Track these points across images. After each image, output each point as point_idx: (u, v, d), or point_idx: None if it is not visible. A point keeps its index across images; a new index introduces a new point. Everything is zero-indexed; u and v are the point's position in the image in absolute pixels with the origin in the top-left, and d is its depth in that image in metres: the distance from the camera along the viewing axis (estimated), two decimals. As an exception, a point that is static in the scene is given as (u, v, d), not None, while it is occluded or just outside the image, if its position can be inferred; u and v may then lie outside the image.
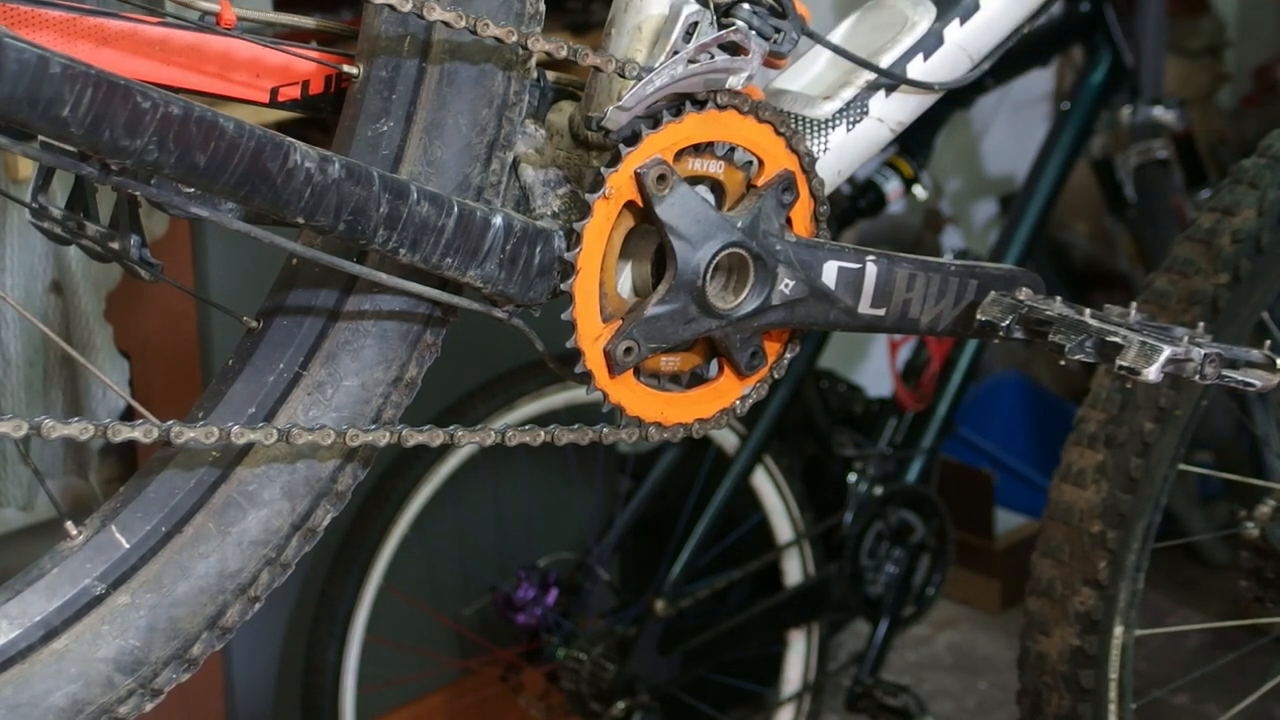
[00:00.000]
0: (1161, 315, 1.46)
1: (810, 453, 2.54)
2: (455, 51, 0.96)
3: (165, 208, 0.90)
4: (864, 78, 1.12)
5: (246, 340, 0.98)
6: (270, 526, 0.96)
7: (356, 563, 2.10)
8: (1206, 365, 1.02)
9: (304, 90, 0.99)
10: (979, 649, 2.85)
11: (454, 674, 2.38)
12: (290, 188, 0.87)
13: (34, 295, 1.98)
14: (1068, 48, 2.66)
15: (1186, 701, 2.58)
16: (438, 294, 0.97)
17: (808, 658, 2.42)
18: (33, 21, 0.90)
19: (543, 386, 2.16)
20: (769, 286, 1.05)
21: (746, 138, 1.04)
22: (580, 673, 2.17)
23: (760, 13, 1.03)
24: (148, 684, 0.93)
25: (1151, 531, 1.51)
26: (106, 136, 0.80)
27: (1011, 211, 2.43)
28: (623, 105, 0.97)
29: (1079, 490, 1.49)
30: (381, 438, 0.97)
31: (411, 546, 2.16)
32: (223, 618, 0.96)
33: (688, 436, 1.08)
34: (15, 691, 0.89)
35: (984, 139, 3.28)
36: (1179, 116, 2.61)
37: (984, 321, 1.10)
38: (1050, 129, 2.48)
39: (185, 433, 0.89)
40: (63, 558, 0.92)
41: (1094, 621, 1.49)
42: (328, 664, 2.11)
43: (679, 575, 2.21)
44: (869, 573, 2.41)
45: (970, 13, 1.14)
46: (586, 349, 1.01)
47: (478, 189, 0.98)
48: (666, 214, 1.00)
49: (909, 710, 2.35)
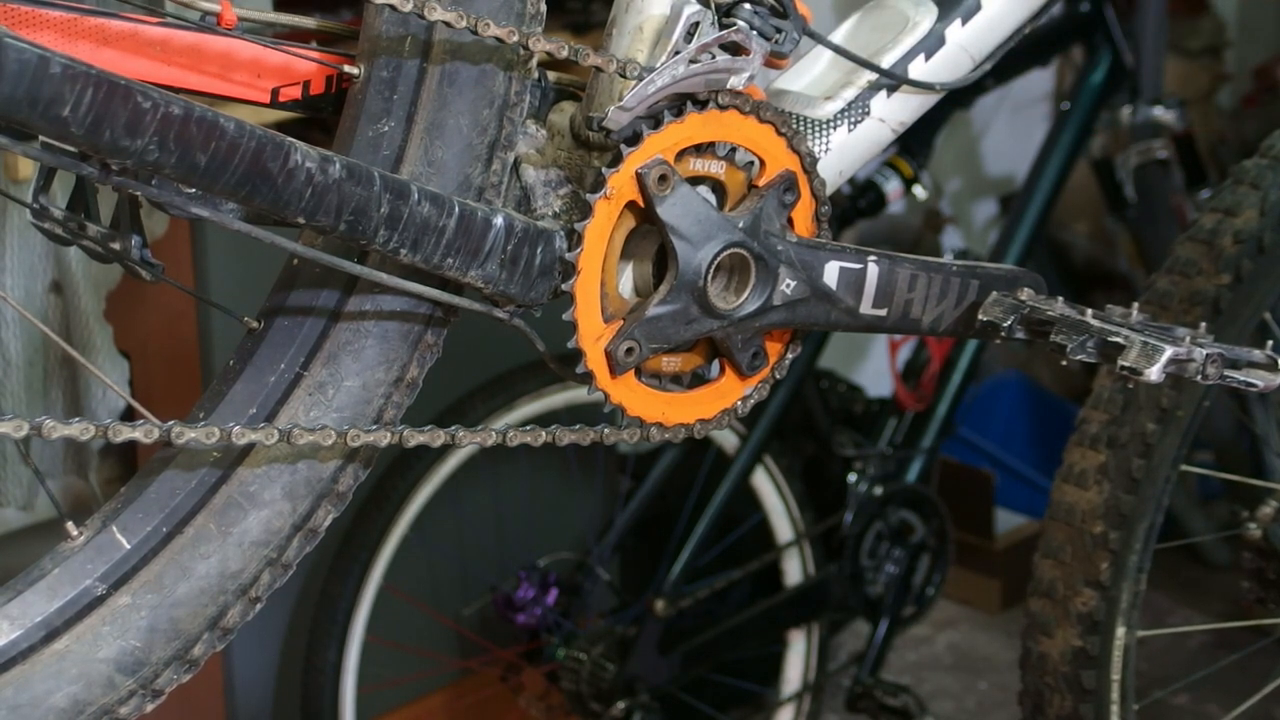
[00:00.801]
0: (1163, 316, 1.46)
1: (810, 453, 2.54)
2: (456, 52, 0.96)
3: (166, 208, 0.89)
4: (865, 78, 1.12)
5: (247, 340, 0.98)
6: (271, 527, 0.96)
7: (356, 563, 2.10)
8: (1208, 366, 1.01)
9: (305, 90, 0.99)
10: (979, 649, 2.85)
11: (454, 674, 2.38)
12: (291, 188, 0.87)
13: (34, 295, 1.98)
14: (1068, 48, 2.66)
15: (1188, 702, 2.58)
16: (439, 294, 0.97)
17: (808, 658, 2.41)
18: (33, 22, 0.90)
19: (543, 387, 2.16)
20: (770, 287, 1.04)
21: (748, 138, 1.03)
22: (580, 673, 2.17)
23: (761, 13, 1.03)
24: (148, 685, 0.93)
25: (1153, 532, 1.51)
26: (107, 136, 0.80)
27: (1011, 211, 2.43)
28: (624, 105, 0.97)
29: (1081, 491, 1.49)
30: (383, 438, 0.97)
31: (411, 546, 2.16)
32: (224, 618, 0.95)
33: (688, 437, 1.08)
34: (16, 692, 0.89)
35: (984, 139, 3.28)
36: (1179, 116, 2.60)
37: (986, 322, 1.09)
38: (1050, 129, 2.47)
39: (186, 433, 0.89)
40: (64, 558, 0.92)
41: (1096, 622, 1.49)
42: (328, 664, 2.11)
43: (679, 575, 2.21)
44: (869, 573, 2.41)
45: (972, 13, 1.14)
46: (588, 349, 1.01)
47: (479, 189, 0.98)
48: (668, 214, 1.00)
49: (909, 710, 2.35)
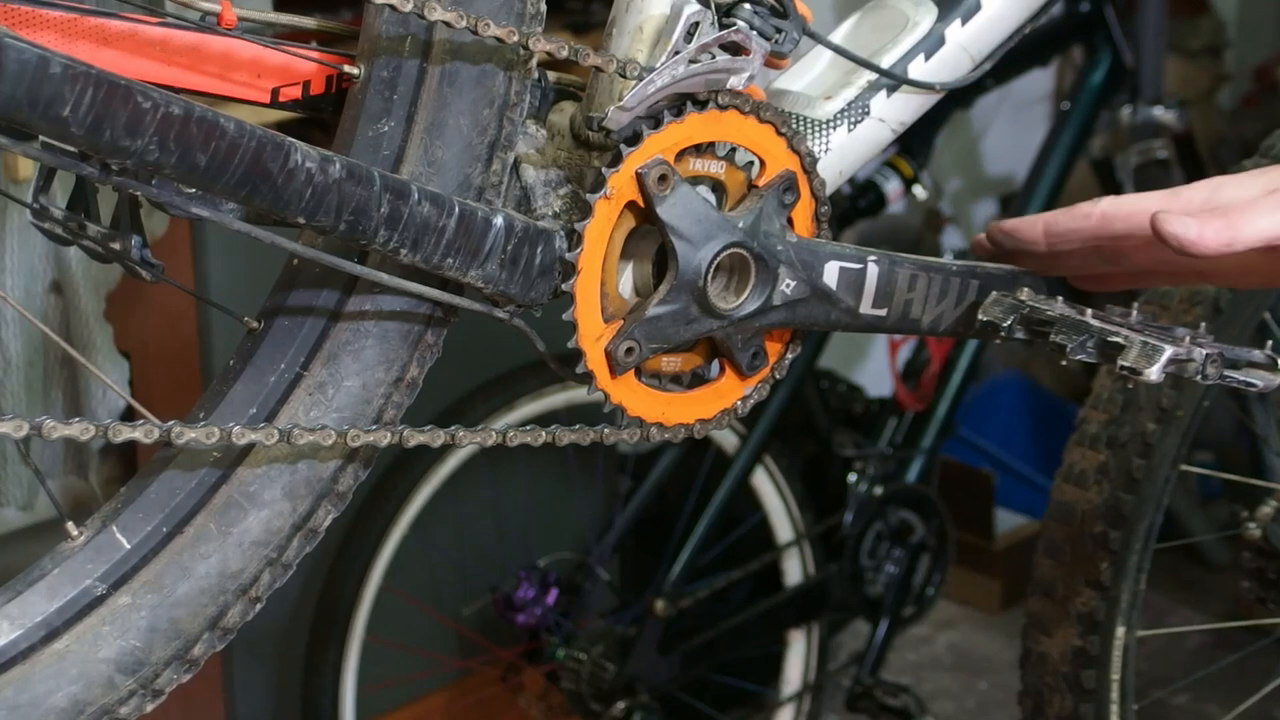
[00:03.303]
0: (1163, 316, 1.46)
1: (810, 453, 2.54)
2: (456, 52, 0.96)
3: (166, 208, 0.89)
4: (865, 78, 1.12)
5: (247, 340, 0.98)
6: (271, 527, 0.96)
7: (356, 563, 2.10)
8: (1208, 365, 1.01)
9: (305, 90, 0.99)
10: (979, 649, 2.85)
11: (454, 674, 2.38)
12: (291, 188, 0.87)
13: (34, 295, 1.98)
14: (1068, 48, 2.66)
15: (1187, 702, 2.58)
16: (439, 294, 0.97)
17: (808, 658, 2.42)
18: (33, 21, 0.90)
19: (543, 387, 2.16)
20: (770, 287, 1.04)
21: (748, 138, 1.03)
22: (580, 673, 2.17)
23: (761, 13, 1.03)
24: (149, 685, 0.93)
25: (1153, 532, 1.51)
26: (107, 137, 0.80)
27: (1011, 212, 2.43)
28: (624, 105, 0.97)
29: (1081, 491, 1.49)
30: (383, 438, 0.96)
31: (411, 546, 2.16)
32: (224, 618, 0.95)
33: (688, 437, 1.08)
34: (16, 692, 0.89)
35: (984, 139, 3.28)
36: (1179, 116, 2.60)
37: (986, 322, 1.09)
38: (1050, 129, 2.48)
39: (186, 433, 0.89)
40: (64, 558, 0.91)
41: (1096, 622, 1.49)
42: (328, 664, 2.11)
43: (679, 575, 2.21)
44: (869, 573, 2.41)
45: (972, 13, 1.14)
46: (588, 349, 1.00)
47: (479, 189, 0.97)
48: (668, 214, 1.00)
49: (909, 710, 2.35)
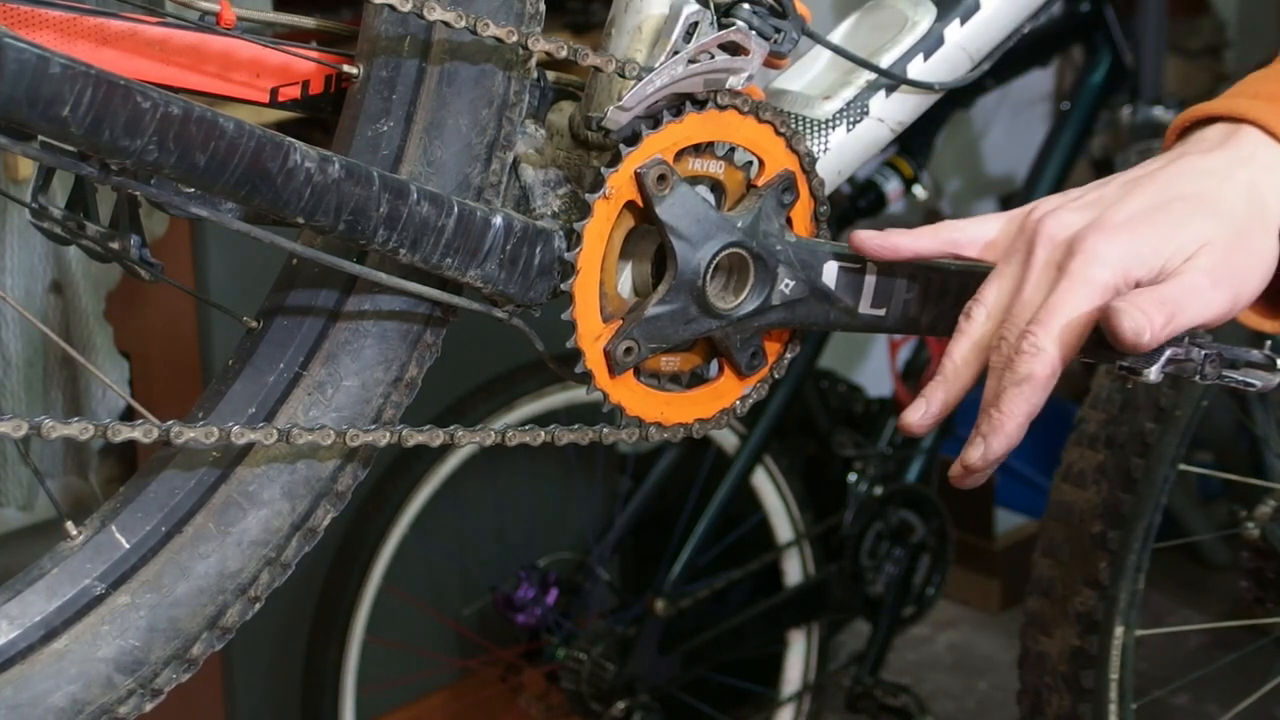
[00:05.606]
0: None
1: (810, 453, 2.54)
2: (455, 51, 0.96)
3: (165, 208, 0.89)
4: (864, 78, 1.12)
5: (246, 340, 0.98)
6: (270, 527, 0.96)
7: (356, 563, 2.10)
8: (1207, 365, 1.01)
9: (304, 90, 0.99)
10: (979, 649, 2.85)
11: (454, 674, 2.38)
12: (290, 188, 0.87)
13: (34, 295, 1.98)
14: (1068, 48, 2.66)
15: (1186, 702, 2.58)
16: (438, 294, 0.97)
17: (808, 658, 2.42)
18: (33, 21, 0.90)
19: (542, 386, 2.16)
20: (769, 286, 1.04)
21: (747, 138, 1.03)
22: (580, 673, 2.17)
23: (760, 13, 1.03)
24: (148, 684, 0.93)
25: (1152, 532, 1.51)
26: (106, 136, 0.80)
27: (1012, 212, 2.42)
28: (623, 105, 0.97)
29: (1079, 490, 1.49)
30: (382, 438, 0.97)
31: (411, 546, 2.16)
32: (223, 618, 0.95)
33: (688, 437, 1.08)
34: (15, 691, 0.89)
35: (984, 139, 3.28)
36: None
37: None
38: (1050, 129, 2.48)
39: (185, 433, 0.89)
40: (63, 558, 0.91)
41: (1094, 622, 1.49)
42: (328, 664, 2.11)
43: (679, 575, 2.21)
44: (869, 573, 2.41)
45: (971, 12, 1.14)
46: (587, 349, 1.01)
47: (478, 189, 0.98)
48: (667, 214, 1.00)
49: (909, 710, 2.35)
